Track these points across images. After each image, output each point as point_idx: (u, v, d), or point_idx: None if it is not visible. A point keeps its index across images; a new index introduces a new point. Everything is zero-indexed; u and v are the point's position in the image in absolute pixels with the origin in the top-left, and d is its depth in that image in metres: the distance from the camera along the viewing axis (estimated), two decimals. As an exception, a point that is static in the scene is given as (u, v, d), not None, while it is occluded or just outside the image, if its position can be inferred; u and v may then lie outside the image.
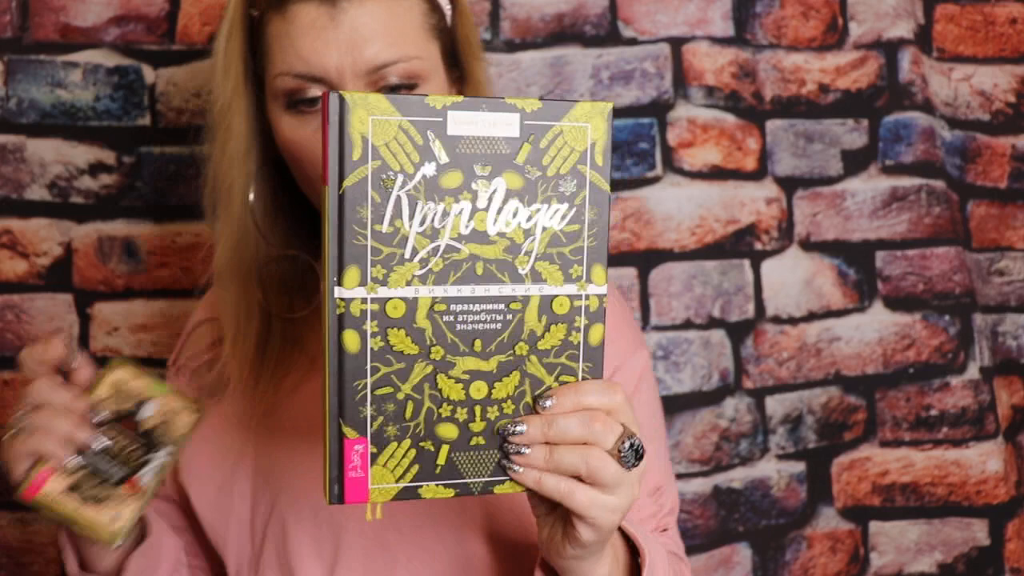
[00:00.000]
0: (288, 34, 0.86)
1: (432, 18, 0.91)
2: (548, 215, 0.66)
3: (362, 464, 0.66)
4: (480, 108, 0.64)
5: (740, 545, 1.32)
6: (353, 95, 0.62)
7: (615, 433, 0.67)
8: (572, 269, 0.68)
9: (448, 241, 0.65)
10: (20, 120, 1.23)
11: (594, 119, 0.66)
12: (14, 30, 1.22)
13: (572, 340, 0.68)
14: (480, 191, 0.65)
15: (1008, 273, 1.42)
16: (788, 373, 1.33)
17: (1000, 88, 1.40)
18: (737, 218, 1.31)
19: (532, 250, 0.66)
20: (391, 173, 0.63)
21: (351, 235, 0.63)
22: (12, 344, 1.24)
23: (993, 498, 1.37)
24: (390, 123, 0.63)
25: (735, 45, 1.31)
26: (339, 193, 0.62)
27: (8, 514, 1.24)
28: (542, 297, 0.67)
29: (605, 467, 0.66)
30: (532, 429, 0.67)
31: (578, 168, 0.66)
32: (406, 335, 0.65)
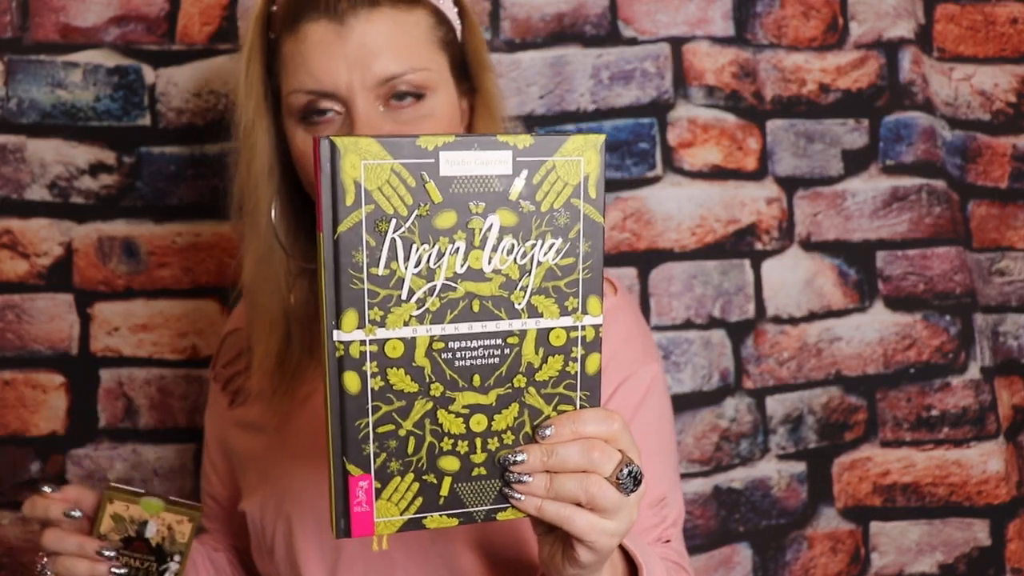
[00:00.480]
0: (300, 52, 0.90)
1: (439, 31, 0.93)
2: (543, 250, 0.67)
3: (367, 499, 0.67)
4: (472, 147, 0.64)
5: (740, 545, 1.31)
6: (344, 140, 0.62)
7: (613, 460, 0.68)
8: (568, 302, 0.68)
9: (444, 281, 0.65)
10: (20, 120, 1.23)
11: (587, 152, 0.66)
12: (14, 30, 1.22)
13: (569, 370, 0.69)
14: (475, 229, 0.65)
15: (1009, 273, 1.42)
16: (788, 373, 1.33)
17: (1001, 88, 1.40)
18: (737, 218, 1.31)
19: (528, 285, 0.67)
20: (385, 217, 0.63)
21: (347, 279, 0.64)
22: (12, 344, 1.24)
23: (994, 498, 1.36)
24: (382, 167, 0.63)
25: (735, 45, 1.31)
26: (334, 239, 0.63)
27: (9, 514, 1.25)
28: (539, 330, 0.68)
29: (604, 494, 0.68)
30: (532, 458, 0.68)
31: (571, 202, 0.67)
32: (405, 374, 0.66)
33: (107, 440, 1.26)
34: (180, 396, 1.27)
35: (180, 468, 1.27)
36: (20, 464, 1.25)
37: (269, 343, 0.99)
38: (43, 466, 1.25)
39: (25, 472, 1.25)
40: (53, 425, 1.25)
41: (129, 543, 0.91)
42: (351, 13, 0.88)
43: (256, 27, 0.95)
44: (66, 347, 1.25)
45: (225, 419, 1.08)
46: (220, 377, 1.09)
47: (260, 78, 0.95)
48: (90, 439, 1.26)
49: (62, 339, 1.25)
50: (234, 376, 1.05)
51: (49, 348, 1.24)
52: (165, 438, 1.27)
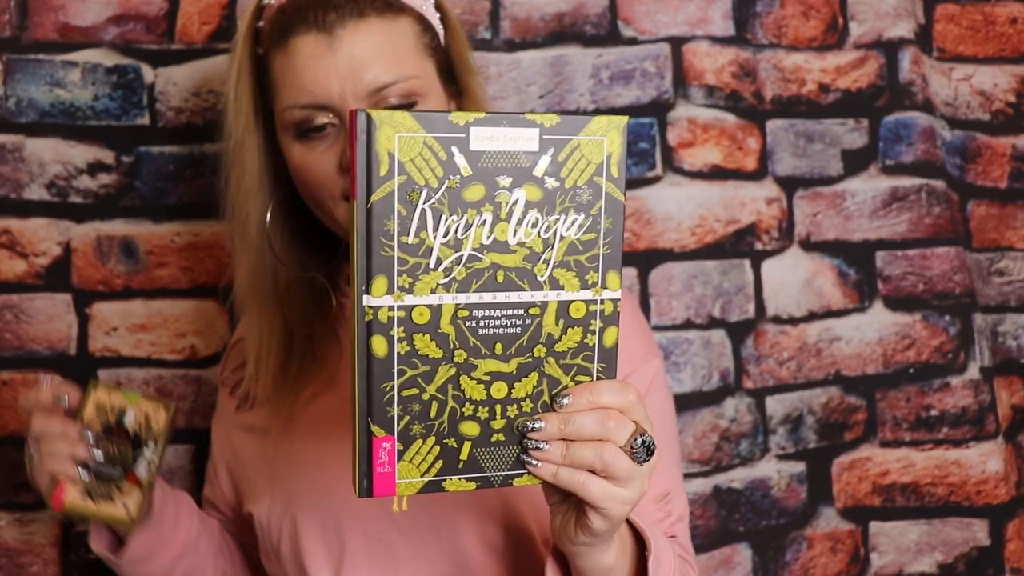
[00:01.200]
0: (291, 67, 0.91)
1: (425, 37, 0.95)
2: (566, 225, 0.70)
3: (389, 460, 0.69)
4: (501, 124, 0.67)
5: (740, 545, 1.31)
6: (380, 113, 0.64)
7: (628, 430, 0.71)
8: (588, 275, 0.71)
9: (470, 251, 0.68)
10: (19, 120, 1.22)
11: (610, 132, 0.69)
12: (13, 29, 1.22)
13: (587, 342, 0.72)
14: (501, 202, 0.68)
15: (1008, 273, 1.42)
16: (788, 373, 1.33)
17: (1000, 88, 1.40)
18: (737, 218, 1.31)
19: (551, 258, 0.70)
20: (416, 187, 0.66)
21: (379, 247, 0.66)
22: (12, 344, 1.23)
23: (993, 498, 1.37)
24: (415, 140, 0.65)
25: (735, 45, 1.31)
26: (367, 207, 0.65)
27: (8, 514, 1.24)
28: (559, 302, 0.71)
29: (618, 462, 0.70)
30: (549, 426, 0.70)
31: (594, 180, 0.69)
32: (431, 340, 0.68)
33: (106, 440, 1.25)
34: (179, 396, 1.26)
35: (179, 468, 1.27)
36: (18, 465, 1.24)
37: (268, 351, 1.01)
38: (41, 467, 1.25)
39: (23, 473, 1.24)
40: (51, 425, 1.24)
41: (109, 430, 0.97)
42: (339, 25, 0.90)
43: (244, 44, 0.97)
44: (64, 347, 1.24)
45: (232, 424, 1.09)
46: (227, 382, 1.11)
47: (249, 95, 0.97)
48: (89, 439, 1.25)
49: (60, 339, 1.24)
50: (240, 382, 1.07)
51: (47, 348, 1.24)
52: (164, 438, 1.27)
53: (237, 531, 1.14)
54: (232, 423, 1.09)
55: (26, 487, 1.24)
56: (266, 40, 0.95)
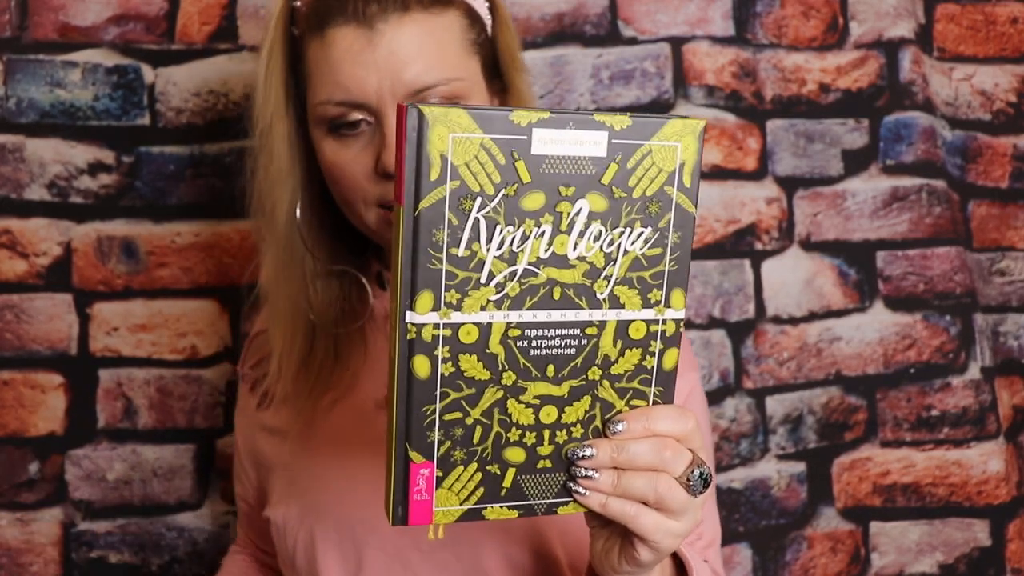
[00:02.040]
0: (327, 59, 0.86)
1: (471, 33, 0.89)
2: (631, 239, 0.64)
3: (427, 488, 0.65)
4: (567, 126, 0.61)
5: (740, 545, 1.31)
6: (433, 110, 0.59)
7: (685, 460, 0.66)
8: (651, 294, 0.66)
9: (526, 265, 0.62)
10: (19, 120, 1.22)
11: (685, 138, 0.63)
12: (13, 29, 1.22)
13: (646, 365, 0.67)
14: (562, 213, 0.62)
15: (1009, 273, 1.41)
16: (788, 373, 1.33)
17: (1001, 88, 1.40)
18: (737, 218, 1.31)
19: (612, 275, 0.64)
20: (470, 194, 0.60)
21: (426, 259, 0.60)
22: (12, 344, 1.24)
23: (994, 498, 1.36)
24: (471, 141, 0.59)
25: (735, 45, 1.31)
26: (414, 215, 0.60)
27: (8, 514, 1.24)
28: (619, 322, 0.65)
29: (673, 495, 0.66)
30: (601, 453, 0.66)
31: (665, 190, 0.64)
32: (478, 360, 0.63)
33: (106, 440, 1.26)
34: (179, 396, 1.27)
35: (179, 468, 1.27)
36: (19, 464, 1.25)
37: (291, 347, 0.96)
38: (42, 466, 1.25)
39: (24, 473, 1.25)
40: (52, 425, 1.25)
41: None
42: (380, 18, 0.84)
43: (279, 23, 0.91)
44: (65, 347, 1.25)
45: (253, 421, 1.06)
46: (248, 378, 1.07)
47: (281, 79, 0.91)
48: (89, 439, 1.25)
49: (61, 339, 1.25)
50: (262, 378, 1.02)
51: (48, 348, 1.24)
52: (164, 438, 1.27)
53: (261, 534, 1.12)
54: (254, 421, 1.06)
55: (27, 486, 1.25)
56: (302, 23, 0.89)
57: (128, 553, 1.27)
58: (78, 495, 1.25)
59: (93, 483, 1.25)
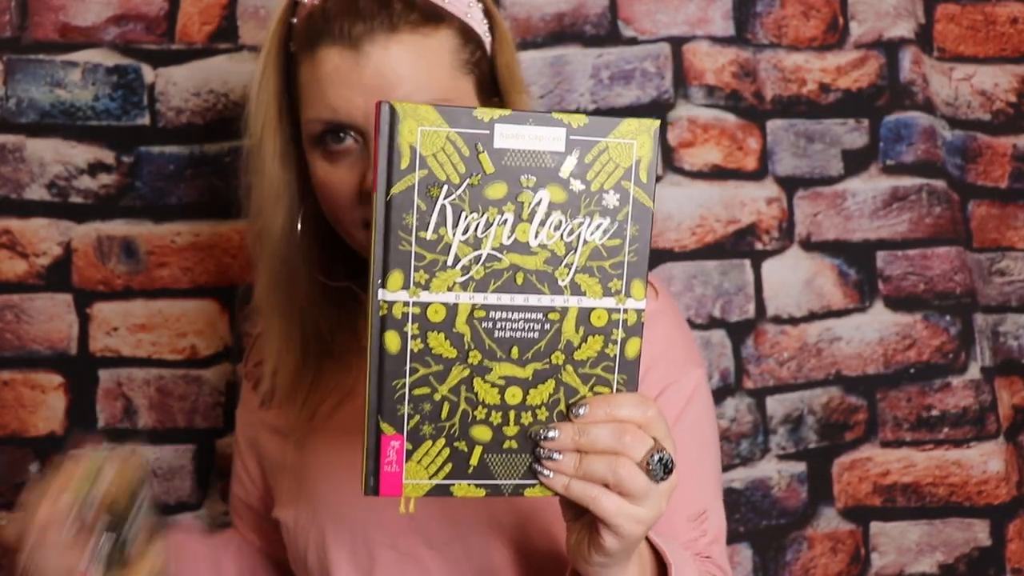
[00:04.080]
0: (317, 80, 0.86)
1: (464, 53, 0.89)
2: (590, 229, 0.68)
3: (397, 459, 0.68)
4: (527, 122, 0.65)
5: (740, 545, 1.31)
6: (404, 106, 0.64)
7: (645, 446, 0.68)
8: (611, 283, 0.69)
9: (490, 250, 0.66)
10: (19, 120, 1.22)
11: (640, 136, 0.67)
12: (13, 29, 1.22)
13: (608, 352, 0.70)
14: (524, 202, 0.66)
15: (1009, 273, 1.41)
16: (789, 373, 1.33)
17: (1001, 88, 1.40)
18: (737, 218, 1.31)
19: (573, 263, 0.68)
20: (437, 182, 0.65)
21: (396, 240, 0.65)
22: (12, 344, 1.23)
23: (994, 498, 1.36)
24: (438, 134, 0.64)
25: (735, 45, 1.31)
26: (386, 200, 0.65)
27: (8, 514, 1.24)
28: (580, 309, 0.69)
29: (632, 478, 0.67)
30: (564, 435, 0.68)
31: (622, 184, 0.67)
32: (445, 339, 0.67)
33: (106, 440, 1.25)
34: (179, 396, 1.27)
35: (179, 468, 1.27)
36: (19, 465, 1.24)
37: (284, 361, 0.97)
38: (42, 467, 1.25)
39: (24, 473, 1.24)
40: (52, 425, 1.25)
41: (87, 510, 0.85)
42: (368, 40, 0.84)
43: (275, 40, 0.91)
44: (65, 347, 1.25)
45: (256, 420, 1.06)
46: (251, 376, 1.07)
47: (274, 95, 0.91)
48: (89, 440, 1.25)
49: (61, 339, 1.24)
50: (264, 377, 1.02)
51: (48, 348, 1.24)
52: (164, 438, 1.27)
53: (265, 536, 1.12)
54: (256, 420, 1.06)
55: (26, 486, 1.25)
56: (296, 41, 0.89)
57: (128, 553, 1.27)
58: (78, 495, 1.25)
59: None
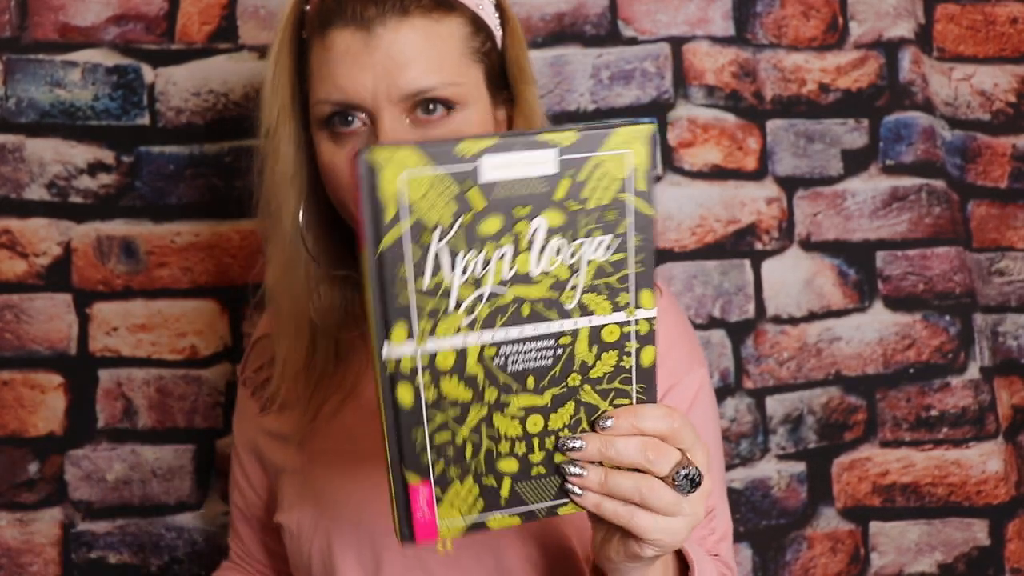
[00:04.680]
0: (326, 61, 0.86)
1: (475, 42, 0.89)
2: (592, 248, 0.65)
3: (428, 506, 0.67)
4: (514, 148, 0.62)
5: (740, 545, 1.31)
6: (381, 154, 0.60)
7: (671, 460, 0.67)
8: (619, 297, 0.67)
9: (492, 287, 0.64)
10: (19, 120, 1.22)
11: (634, 144, 0.64)
12: (13, 29, 1.22)
13: (624, 365, 0.68)
14: (521, 233, 0.63)
15: (1008, 273, 1.42)
16: (788, 373, 1.33)
17: (1000, 88, 1.40)
18: (737, 218, 1.31)
19: (578, 284, 0.65)
20: (428, 227, 0.61)
21: (394, 295, 0.62)
22: (12, 344, 1.23)
23: (993, 498, 1.37)
24: (423, 178, 0.61)
25: (735, 45, 1.31)
26: (376, 256, 0.61)
27: (8, 514, 1.24)
28: (591, 328, 0.67)
29: (659, 495, 0.67)
30: (590, 446, 0.67)
31: (619, 197, 0.64)
32: (459, 382, 0.65)
33: (106, 441, 1.26)
34: (179, 396, 1.27)
35: (179, 469, 1.27)
36: (18, 465, 1.24)
37: (294, 350, 0.96)
38: (41, 467, 1.25)
39: (23, 473, 1.25)
40: (51, 425, 1.25)
41: None
42: (379, 22, 0.84)
43: (287, 26, 0.91)
44: (65, 347, 1.25)
45: (256, 426, 1.05)
46: (250, 382, 1.06)
47: (288, 80, 0.91)
48: (88, 440, 1.25)
49: (60, 339, 1.24)
50: (264, 382, 1.02)
51: (48, 348, 1.24)
52: (164, 439, 1.27)
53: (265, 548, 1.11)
54: (257, 427, 1.05)
55: (27, 486, 1.25)
56: (309, 27, 0.90)
57: (128, 553, 1.27)
58: (78, 495, 1.25)
59: (93, 483, 1.25)
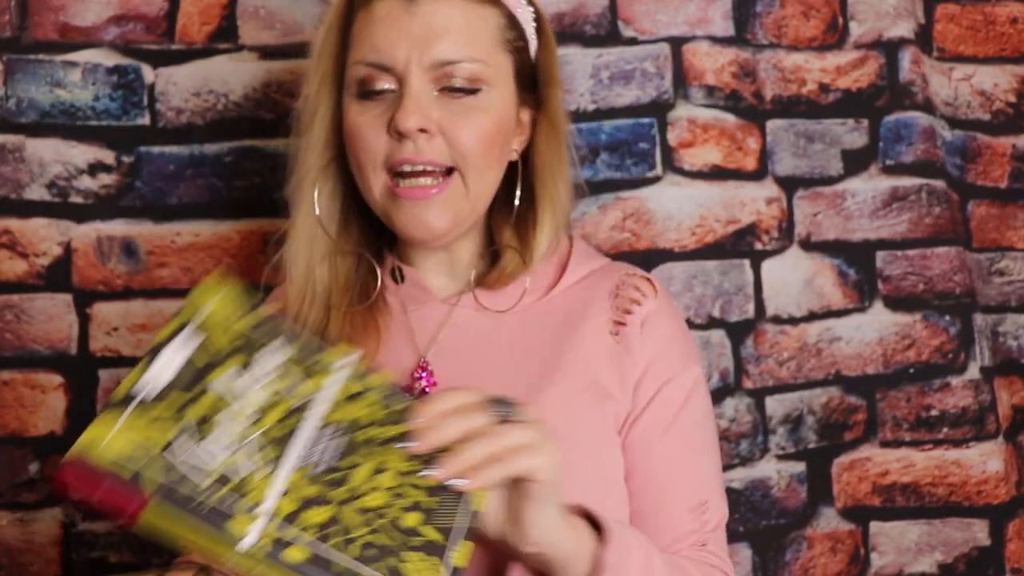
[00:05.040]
0: (368, 25, 0.92)
1: (508, 34, 0.95)
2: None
3: None
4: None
5: (740, 545, 1.31)
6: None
7: (483, 411, 0.72)
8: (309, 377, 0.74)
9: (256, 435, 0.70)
10: (19, 120, 1.22)
11: None
12: (13, 30, 1.22)
13: (375, 408, 0.74)
14: None
15: (1008, 273, 1.42)
16: (788, 373, 1.33)
17: (1000, 88, 1.40)
18: (737, 218, 1.31)
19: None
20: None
21: (203, 507, 0.66)
22: (12, 344, 1.24)
23: (994, 498, 1.37)
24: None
25: (735, 45, 1.31)
26: (159, 506, 0.65)
27: (8, 514, 1.24)
28: (327, 414, 0.73)
29: (507, 433, 0.71)
30: (426, 439, 0.71)
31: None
32: (312, 507, 0.68)
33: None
34: (179, 396, 1.26)
35: (179, 468, 1.27)
36: (19, 464, 1.24)
37: (307, 318, 0.98)
38: (42, 467, 1.25)
39: (24, 473, 1.25)
40: (52, 425, 1.25)
41: None
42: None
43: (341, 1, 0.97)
44: (65, 347, 1.25)
45: None
46: None
47: (333, 51, 0.96)
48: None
49: (61, 339, 1.25)
50: None
51: (48, 348, 1.24)
52: (164, 438, 1.26)
53: None
54: None
55: (27, 486, 1.25)
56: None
57: (128, 553, 1.27)
58: (78, 495, 1.25)
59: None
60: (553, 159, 0.99)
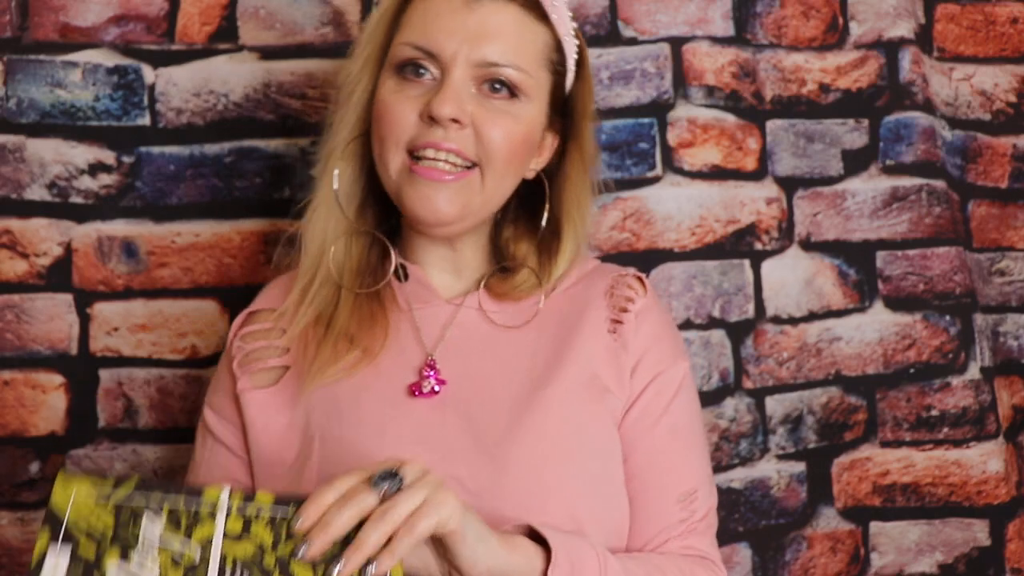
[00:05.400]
0: (424, 11, 0.95)
1: (553, 55, 0.98)
2: None
3: None
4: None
5: (740, 545, 1.31)
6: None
7: (370, 493, 0.75)
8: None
9: None
10: (20, 120, 1.22)
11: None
12: (13, 30, 1.22)
13: (266, 540, 0.76)
14: None
15: (1009, 273, 1.42)
16: (788, 373, 1.33)
17: (1001, 88, 1.40)
18: (737, 218, 1.31)
19: None
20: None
21: None
22: (13, 344, 1.24)
23: (994, 498, 1.36)
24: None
25: (735, 45, 1.31)
26: None
27: (8, 514, 1.24)
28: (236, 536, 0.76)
29: (395, 506, 0.74)
30: (317, 545, 0.74)
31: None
32: None
33: (107, 440, 1.26)
34: (180, 396, 1.27)
35: (179, 468, 1.27)
36: (19, 464, 1.25)
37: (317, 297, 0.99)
38: (42, 466, 1.25)
39: (24, 473, 1.25)
40: (52, 425, 1.25)
41: None
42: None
43: None
44: (65, 347, 1.25)
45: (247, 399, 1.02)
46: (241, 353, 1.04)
47: (383, 34, 0.98)
48: (89, 439, 1.25)
49: (61, 339, 1.25)
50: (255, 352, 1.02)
51: (48, 348, 1.24)
52: (165, 438, 1.27)
53: None
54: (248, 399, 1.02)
55: (27, 486, 1.25)
56: None
57: (128, 553, 1.27)
58: (78, 495, 1.25)
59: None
60: (581, 190, 1.03)
